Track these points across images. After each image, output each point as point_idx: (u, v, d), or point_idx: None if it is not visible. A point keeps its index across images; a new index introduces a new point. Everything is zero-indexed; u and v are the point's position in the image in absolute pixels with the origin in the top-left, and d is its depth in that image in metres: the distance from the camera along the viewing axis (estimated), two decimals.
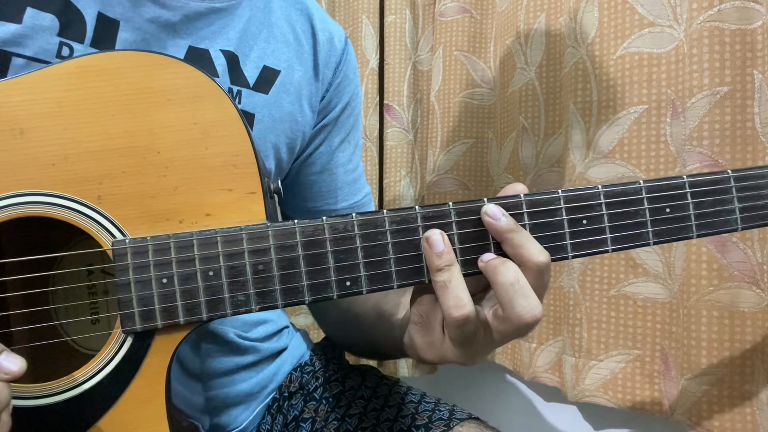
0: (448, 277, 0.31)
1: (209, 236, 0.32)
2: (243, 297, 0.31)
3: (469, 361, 0.33)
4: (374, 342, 0.47)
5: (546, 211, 0.33)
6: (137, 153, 0.32)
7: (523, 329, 0.31)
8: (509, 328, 0.31)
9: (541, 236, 0.33)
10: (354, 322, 0.49)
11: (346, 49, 0.53)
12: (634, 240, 0.34)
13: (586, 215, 0.33)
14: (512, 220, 0.33)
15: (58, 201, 0.32)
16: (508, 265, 0.31)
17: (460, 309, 0.31)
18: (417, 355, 0.35)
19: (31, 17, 0.37)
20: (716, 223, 0.35)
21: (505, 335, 0.32)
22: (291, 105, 0.47)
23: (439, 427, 0.45)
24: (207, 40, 0.43)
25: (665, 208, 0.34)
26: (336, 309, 0.52)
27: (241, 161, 0.33)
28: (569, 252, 0.33)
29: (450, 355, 0.33)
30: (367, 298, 0.45)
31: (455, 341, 0.32)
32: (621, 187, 0.34)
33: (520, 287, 0.31)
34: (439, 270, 0.31)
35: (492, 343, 0.33)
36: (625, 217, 0.33)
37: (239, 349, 0.48)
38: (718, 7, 0.55)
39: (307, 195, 0.53)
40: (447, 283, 0.31)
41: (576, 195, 0.33)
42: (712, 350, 0.56)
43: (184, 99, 0.33)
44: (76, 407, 0.31)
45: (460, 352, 0.33)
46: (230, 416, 0.48)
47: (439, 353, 0.33)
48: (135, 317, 0.31)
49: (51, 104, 0.32)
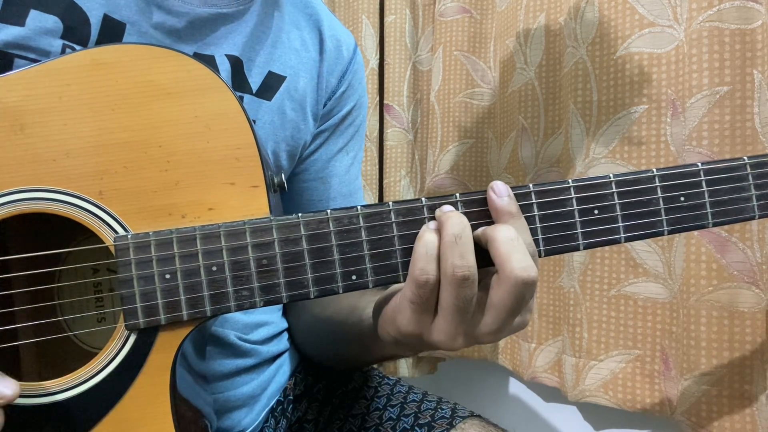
0: (460, 231, 0.30)
1: (212, 231, 0.31)
2: (247, 291, 0.31)
3: (449, 341, 0.31)
4: (341, 341, 0.46)
5: (556, 201, 0.32)
6: (138, 147, 0.32)
7: (518, 295, 0.30)
8: (503, 293, 0.30)
9: (551, 226, 0.32)
10: (324, 323, 0.48)
11: (354, 59, 0.52)
12: (647, 229, 0.33)
13: (598, 205, 0.32)
14: (516, 204, 0.32)
15: (59, 197, 0.31)
16: (508, 224, 0.31)
17: (462, 269, 0.29)
18: (392, 330, 0.33)
19: (34, 19, 0.37)
20: (732, 211, 0.34)
21: (498, 309, 0.30)
22: (294, 112, 0.47)
23: (441, 425, 0.45)
24: (213, 46, 0.43)
25: (680, 197, 0.33)
26: (307, 313, 0.51)
27: (244, 154, 0.33)
28: (580, 241, 0.32)
29: (434, 333, 0.31)
30: (343, 297, 0.44)
31: (449, 308, 0.30)
32: (634, 176, 0.33)
33: (519, 244, 0.30)
34: None
35: (481, 324, 0.31)
36: (638, 206, 0.33)
37: (240, 352, 0.48)
38: (717, 7, 0.55)
39: (298, 202, 0.52)
40: (457, 239, 0.30)
41: (587, 184, 0.33)
42: (712, 350, 0.56)
43: (185, 92, 0.33)
44: (80, 405, 0.31)
45: (448, 326, 0.31)
46: (233, 419, 0.47)
47: (421, 328, 0.31)
48: (138, 313, 0.31)
49: (51, 99, 0.32)
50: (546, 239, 0.33)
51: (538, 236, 0.33)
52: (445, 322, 0.31)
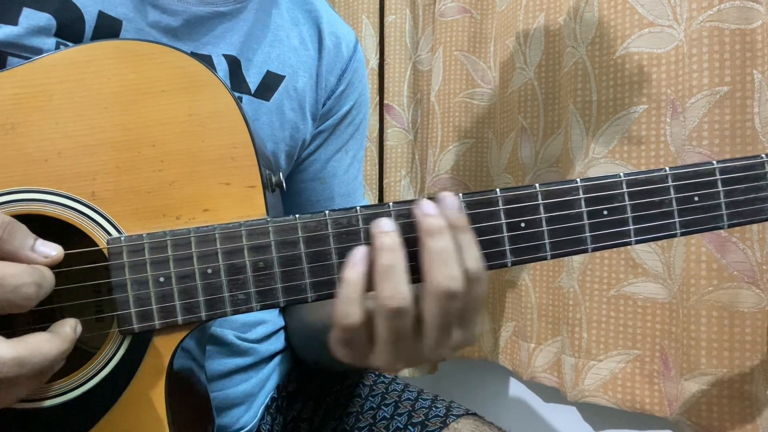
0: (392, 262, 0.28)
1: (207, 233, 0.31)
2: (243, 295, 0.30)
3: (390, 367, 0.30)
4: (317, 349, 0.45)
5: (563, 201, 0.31)
6: (132, 147, 0.31)
7: (442, 308, 0.28)
8: (429, 305, 0.29)
9: (558, 228, 0.31)
10: (306, 329, 0.48)
11: (354, 57, 0.51)
12: (659, 231, 0.32)
13: (608, 206, 0.31)
14: (444, 222, 0.29)
15: (51, 198, 0.31)
16: (445, 234, 0.29)
17: (395, 300, 0.28)
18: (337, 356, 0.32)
19: (27, 17, 0.36)
20: (749, 212, 0.33)
21: (429, 324, 0.29)
22: (293, 112, 0.46)
23: (435, 424, 0.44)
24: (209, 45, 0.42)
25: (693, 197, 0.32)
26: (295, 316, 0.50)
27: (239, 153, 0.32)
28: (589, 245, 0.31)
29: (374, 360, 0.30)
30: (325, 304, 0.44)
31: (385, 339, 0.29)
32: (645, 175, 0.32)
33: (448, 256, 0.28)
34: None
35: (422, 346, 0.30)
36: (650, 207, 0.32)
37: (238, 351, 0.47)
38: (718, 7, 0.55)
39: (297, 202, 0.51)
40: (389, 270, 0.28)
41: (596, 184, 0.32)
42: (712, 350, 0.56)
43: (178, 89, 0.32)
44: (75, 410, 0.30)
45: (387, 355, 0.30)
46: (232, 417, 0.47)
47: (360, 360, 0.31)
48: (132, 317, 0.30)
49: (42, 97, 0.31)
50: (552, 242, 0.32)
51: (544, 239, 0.32)
52: (382, 351, 0.30)
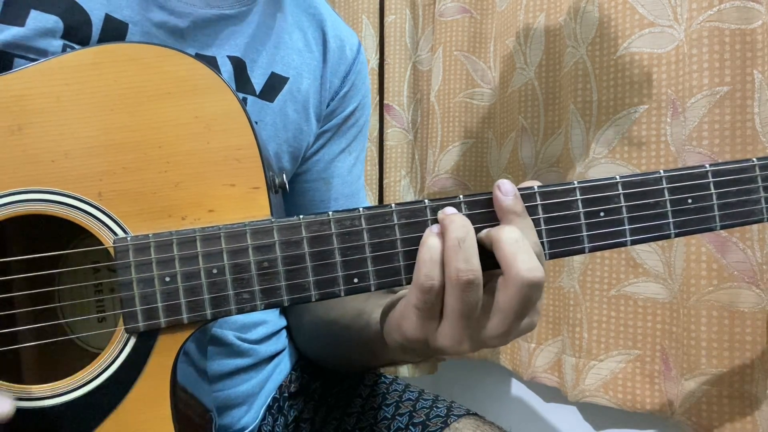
0: (463, 235, 0.29)
1: (212, 233, 0.31)
2: (248, 294, 0.31)
3: (455, 346, 0.31)
4: (346, 345, 0.45)
5: (561, 202, 0.32)
6: (138, 148, 0.32)
7: (524, 297, 0.29)
8: (509, 295, 0.29)
9: (555, 228, 0.32)
10: (329, 327, 0.48)
11: (357, 59, 0.52)
12: (654, 231, 0.32)
13: (604, 207, 0.32)
14: (521, 203, 0.31)
15: (58, 198, 0.31)
16: (512, 225, 0.31)
17: (467, 273, 0.29)
18: (398, 336, 0.33)
19: (35, 19, 0.37)
20: (741, 213, 0.34)
21: (504, 312, 0.30)
22: (296, 113, 0.47)
23: (436, 424, 0.45)
24: (214, 47, 0.42)
25: (687, 199, 0.33)
26: (310, 314, 0.51)
27: (244, 155, 0.32)
28: (585, 244, 0.32)
29: (440, 338, 0.31)
30: (348, 300, 0.43)
31: (454, 313, 0.30)
32: (640, 177, 0.33)
33: (524, 245, 0.30)
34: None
35: (487, 328, 0.31)
36: (645, 208, 0.32)
37: (239, 352, 0.48)
38: (718, 7, 0.55)
39: (300, 203, 0.51)
40: (460, 243, 0.29)
41: (593, 185, 0.32)
42: (712, 350, 0.56)
43: (184, 92, 0.32)
44: (80, 409, 0.31)
45: (454, 331, 0.30)
46: (233, 417, 0.47)
47: (427, 334, 0.31)
48: (138, 316, 0.31)
49: (49, 99, 0.32)
50: (550, 242, 0.32)
51: (542, 239, 0.32)
52: (451, 327, 0.30)
